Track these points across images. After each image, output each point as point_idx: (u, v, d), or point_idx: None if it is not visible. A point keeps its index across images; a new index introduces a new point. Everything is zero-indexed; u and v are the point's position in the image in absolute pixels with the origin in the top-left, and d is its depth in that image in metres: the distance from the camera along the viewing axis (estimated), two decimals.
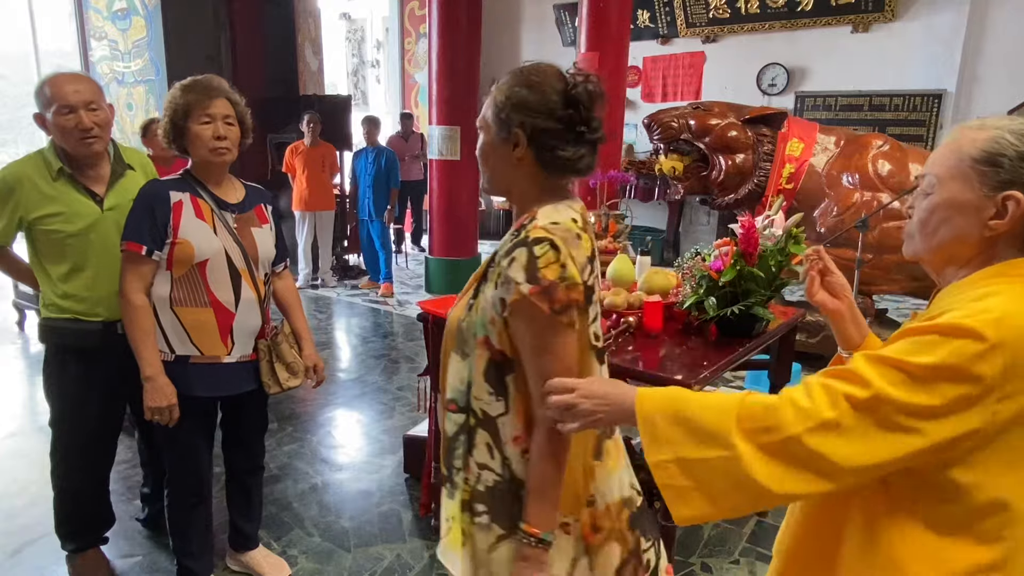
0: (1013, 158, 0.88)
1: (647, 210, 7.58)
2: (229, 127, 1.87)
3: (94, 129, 1.92)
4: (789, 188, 4.09)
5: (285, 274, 2.17)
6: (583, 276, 1.11)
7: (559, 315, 1.07)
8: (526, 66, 1.17)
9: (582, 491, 1.18)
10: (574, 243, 1.11)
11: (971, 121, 0.95)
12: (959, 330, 0.82)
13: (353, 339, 5.19)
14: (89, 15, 7.01)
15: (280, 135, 6.83)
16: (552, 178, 1.18)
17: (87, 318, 2.01)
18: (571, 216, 1.16)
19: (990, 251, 0.93)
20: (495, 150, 1.18)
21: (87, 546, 2.27)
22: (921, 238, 0.98)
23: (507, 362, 1.15)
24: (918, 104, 6.29)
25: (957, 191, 0.92)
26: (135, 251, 1.80)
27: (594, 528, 1.19)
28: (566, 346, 1.10)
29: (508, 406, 1.16)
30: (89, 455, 2.16)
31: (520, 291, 1.07)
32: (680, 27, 7.45)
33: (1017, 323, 0.83)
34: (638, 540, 1.25)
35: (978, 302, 0.87)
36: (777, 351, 2.56)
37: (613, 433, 1.22)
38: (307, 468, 3.08)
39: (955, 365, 0.82)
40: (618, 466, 1.23)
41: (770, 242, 2.10)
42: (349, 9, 10.36)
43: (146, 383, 1.82)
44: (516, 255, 1.09)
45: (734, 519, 2.70)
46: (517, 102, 1.13)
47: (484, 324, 1.15)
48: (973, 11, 5.94)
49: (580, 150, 1.15)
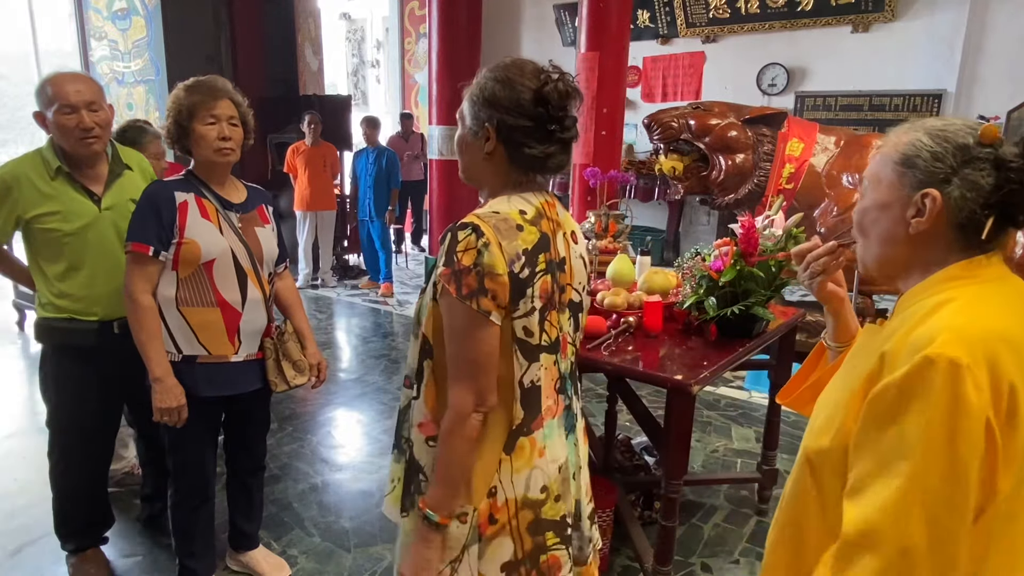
0: (927, 158, 0.91)
1: (647, 210, 7.58)
2: (233, 128, 1.87)
3: (95, 129, 1.92)
4: (789, 188, 4.09)
5: (285, 274, 2.18)
6: (511, 267, 1.11)
7: (466, 300, 1.08)
8: (505, 61, 1.18)
9: (488, 481, 1.19)
10: (508, 233, 1.12)
11: (903, 125, 0.99)
12: (927, 362, 0.80)
13: (353, 339, 5.19)
14: (89, 15, 7.01)
15: (280, 135, 6.83)
16: (520, 173, 1.19)
17: (83, 317, 2.01)
18: (520, 207, 1.17)
19: (924, 253, 0.94)
20: (468, 143, 1.21)
21: (87, 546, 2.27)
22: (862, 241, 1.01)
23: (428, 347, 1.19)
24: (918, 104, 6.28)
25: (883, 194, 0.96)
26: (142, 252, 1.79)
27: (490, 519, 1.19)
28: (476, 334, 1.10)
29: (419, 391, 1.21)
30: (86, 454, 2.15)
31: (438, 272, 1.12)
32: (680, 27, 7.45)
33: (980, 332, 0.82)
34: (539, 545, 1.22)
35: (932, 315, 0.86)
36: (777, 351, 2.56)
37: (531, 432, 1.20)
38: (307, 468, 3.08)
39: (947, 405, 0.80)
40: (528, 465, 1.20)
41: (770, 242, 2.10)
42: (349, 9, 10.37)
43: (155, 384, 1.82)
44: (445, 238, 1.12)
45: (733, 519, 2.70)
46: (488, 97, 1.15)
47: (424, 307, 1.20)
48: (973, 11, 5.94)
49: (549, 148, 1.17)
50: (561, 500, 1.25)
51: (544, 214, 1.19)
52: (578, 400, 1.35)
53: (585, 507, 1.35)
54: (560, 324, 1.22)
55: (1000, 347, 0.82)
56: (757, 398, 3.93)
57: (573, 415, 1.31)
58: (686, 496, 2.81)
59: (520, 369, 1.18)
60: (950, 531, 0.81)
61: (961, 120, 0.93)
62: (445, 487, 1.16)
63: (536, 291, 1.15)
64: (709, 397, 3.95)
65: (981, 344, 0.81)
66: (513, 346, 1.16)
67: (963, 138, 0.90)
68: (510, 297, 1.12)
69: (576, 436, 1.32)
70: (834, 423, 0.95)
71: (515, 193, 1.19)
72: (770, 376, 2.65)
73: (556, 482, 1.24)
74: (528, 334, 1.16)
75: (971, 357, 0.80)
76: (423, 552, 1.18)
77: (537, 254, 1.15)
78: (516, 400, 1.18)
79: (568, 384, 1.29)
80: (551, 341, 1.20)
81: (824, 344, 1.27)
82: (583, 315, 1.33)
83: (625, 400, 2.46)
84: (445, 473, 1.15)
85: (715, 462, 3.20)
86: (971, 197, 0.88)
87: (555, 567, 1.24)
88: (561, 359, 1.25)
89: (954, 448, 0.79)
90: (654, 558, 2.03)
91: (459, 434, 1.13)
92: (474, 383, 1.12)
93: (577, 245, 1.28)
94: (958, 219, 0.90)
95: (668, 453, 1.92)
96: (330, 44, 9.27)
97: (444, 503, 1.16)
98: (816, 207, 4.08)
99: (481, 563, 1.19)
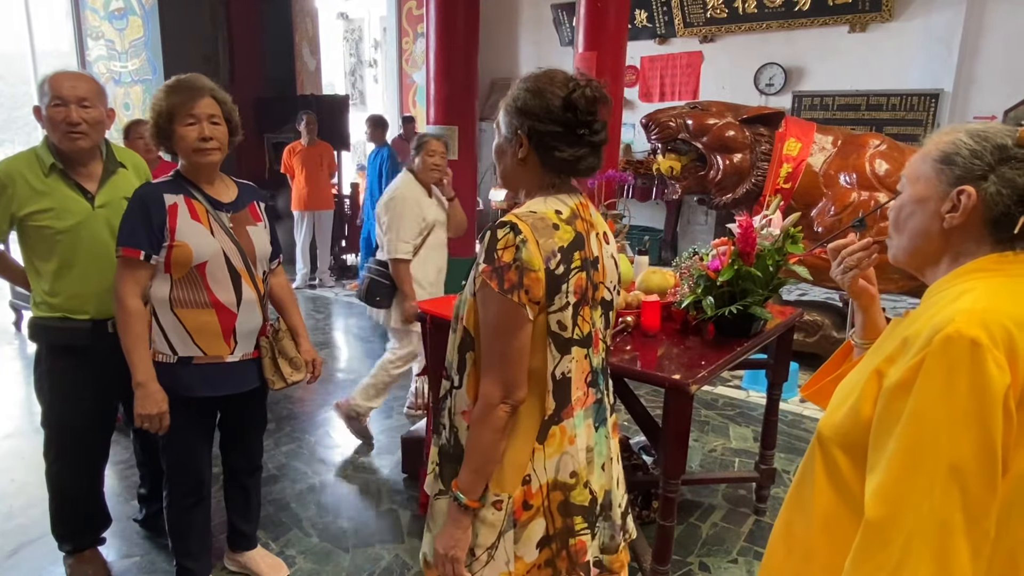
0: (966, 156, 0.95)
1: (645, 210, 7.59)
2: (215, 126, 1.84)
3: (81, 125, 1.91)
4: (787, 188, 4.09)
5: (279, 271, 2.17)
6: (547, 263, 1.16)
7: (507, 294, 1.14)
8: (538, 72, 1.26)
9: (523, 471, 1.24)
10: (545, 231, 1.18)
11: (945, 127, 1.02)
12: (949, 340, 0.83)
13: (351, 339, 5.18)
14: (86, 15, 7.00)
15: (278, 135, 6.82)
16: (554, 176, 1.25)
17: (76, 316, 2.00)
18: (555, 208, 1.23)
19: (956, 246, 0.97)
20: (504, 150, 1.28)
21: (84, 547, 2.27)
22: (895, 236, 1.05)
23: (470, 339, 1.24)
24: (915, 104, 6.29)
25: (921, 189, 1.00)
26: (133, 256, 1.78)
27: (524, 505, 1.24)
28: (513, 327, 1.16)
29: (462, 381, 1.27)
30: (81, 454, 2.15)
31: (479, 269, 1.18)
32: (678, 27, 7.45)
33: (998, 315, 0.85)
34: (568, 527, 1.27)
35: (955, 302, 0.89)
36: (775, 350, 2.56)
37: (561, 420, 1.25)
38: (305, 468, 3.08)
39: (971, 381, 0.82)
40: (559, 451, 1.25)
41: (768, 242, 2.10)
42: (347, 9, 10.36)
43: (137, 389, 1.81)
44: (485, 237, 1.18)
45: (731, 518, 2.70)
46: (521, 106, 1.22)
47: (464, 302, 1.26)
48: (970, 11, 5.95)
49: (579, 151, 1.23)
50: (589, 487, 1.30)
51: (579, 214, 1.25)
52: (609, 395, 1.40)
53: (617, 496, 1.39)
54: (593, 320, 1.27)
55: (1017, 331, 0.84)
56: (755, 397, 3.94)
57: (605, 409, 1.36)
58: (684, 495, 2.81)
59: (553, 362, 1.22)
60: (984, 505, 0.82)
61: (1001, 124, 0.97)
62: (472, 472, 1.22)
63: (571, 287, 1.20)
64: (707, 396, 3.95)
65: (999, 326, 0.84)
66: (547, 339, 1.21)
67: (1002, 139, 0.94)
68: (546, 292, 1.17)
69: (607, 429, 1.37)
70: (848, 400, 0.98)
71: (551, 195, 1.25)
72: (768, 375, 2.65)
73: (584, 469, 1.29)
74: (562, 328, 1.21)
75: (989, 337, 0.82)
76: (453, 532, 1.24)
77: (572, 252, 1.20)
78: (549, 392, 1.23)
79: (600, 379, 1.34)
80: (583, 335, 1.25)
81: (852, 342, 1.31)
82: (613, 313, 1.37)
83: (623, 400, 2.46)
84: (473, 459, 1.22)
85: (713, 461, 3.21)
86: (1006, 194, 0.92)
87: (581, 551, 1.30)
88: (593, 354, 1.29)
89: (981, 423, 0.82)
90: (652, 557, 2.03)
91: (487, 424, 1.19)
92: (503, 376, 1.18)
93: (608, 245, 1.34)
94: (992, 214, 0.93)
95: (666, 452, 1.93)
96: (328, 44, 9.27)
97: (472, 487, 1.22)
98: (814, 207, 4.09)
99: (517, 547, 1.25)
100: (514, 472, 1.23)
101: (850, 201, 3.96)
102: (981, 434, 0.81)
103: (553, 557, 1.27)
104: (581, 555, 1.29)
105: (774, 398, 2.68)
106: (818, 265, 3.90)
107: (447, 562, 1.24)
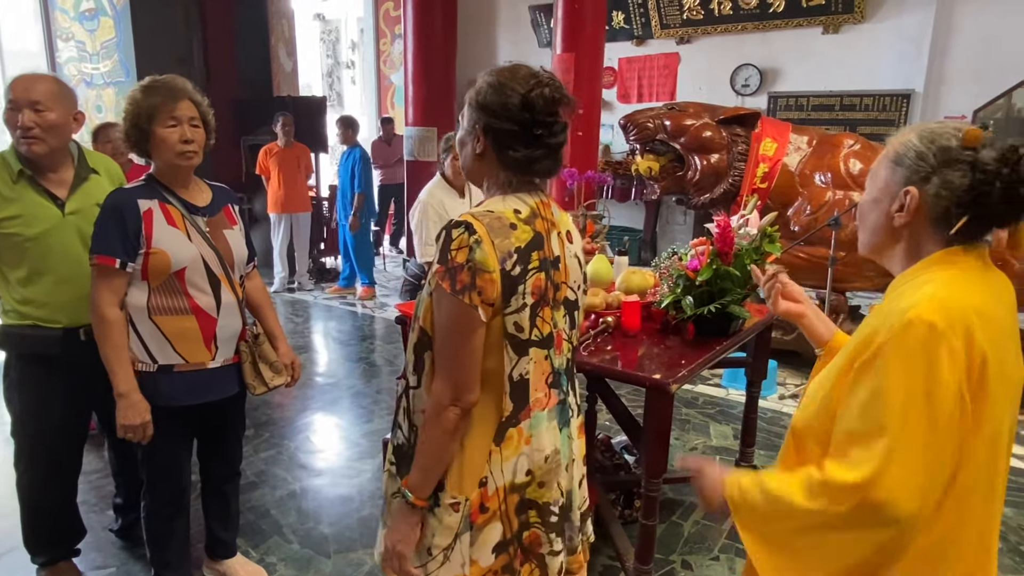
0: (912, 158, 0.99)
1: (624, 210, 7.62)
2: (195, 129, 1.82)
3: (33, 129, 1.85)
4: (763, 187, 4.13)
5: (254, 274, 2.14)
6: (503, 264, 1.14)
7: (459, 295, 1.12)
8: (502, 66, 1.22)
9: (479, 472, 1.23)
10: (502, 231, 1.15)
11: (905, 127, 1.06)
12: (910, 324, 0.88)
13: (331, 343, 5.14)
14: (55, 15, 6.86)
15: (254, 137, 6.75)
16: (513, 174, 1.23)
17: (47, 325, 1.96)
18: (514, 207, 1.21)
19: (909, 242, 1.02)
20: (465, 143, 1.27)
21: (57, 559, 2.22)
22: (860, 231, 1.10)
23: (428, 339, 1.22)
24: (887, 104, 6.40)
25: (876, 188, 1.04)
26: (108, 264, 1.74)
27: (481, 508, 1.23)
28: (465, 329, 1.14)
29: (420, 381, 1.25)
30: (53, 465, 2.11)
31: (433, 270, 1.16)
32: (655, 28, 7.50)
33: (956, 305, 0.90)
34: (523, 526, 1.27)
35: (917, 292, 0.94)
36: (754, 348, 2.59)
37: (518, 422, 1.24)
38: (285, 474, 3.04)
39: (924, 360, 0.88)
40: (516, 452, 1.24)
41: (745, 241, 2.12)
42: (323, 10, 10.28)
43: (119, 400, 1.78)
44: (440, 236, 1.17)
45: (712, 516, 2.72)
46: (481, 101, 1.20)
47: (421, 302, 1.24)
48: (939, 13, 6.07)
49: (535, 152, 1.21)
50: (545, 487, 1.28)
51: (539, 213, 1.23)
52: (575, 396, 1.38)
53: (577, 498, 1.38)
54: (555, 321, 1.26)
55: (975, 318, 0.89)
56: (735, 395, 3.97)
57: (568, 409, 1.34)
58: (666, 494, 2.82)
59: (510, 363, 1.21)
60: (935, 484, 0.89)
61: (952, 125, 0.99)
62: (421, 471, 1.22)
63: (528, 288, 1.18)
64: (687, 395, 3.98)
65: (958, 312, 0.88)
66: (504, 341, 1.19)
67: (947, 140, 0.96)
68: (501, 294, 1.15)
69: (571, 431, 1.35)
70: (820, 395, 1.02)
71: (511, 193, 1.23)
72: (747, 373, 2.68)
73: (541, 469, 1.27)
74: (519, 329, 1.19)
75: (947, 323, 0.87)
76: (401, 528, 1.25)
77: (530, 252, 1.18)
78: (506, 393, 1.22)
79: (564, 379, 1.32)
80: (542, 336, 1.23)
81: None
82: (579, 313, 1.36)
83: (605, 400, 2.47)
84: (421, 459, 1.22)
85: None
86: (945, 195, 0.95)
87: (536, 543, 1.29)
88: (555, 355, 1.27)
89: (932, 406, 0.87)
90: (635, 557, 2.04)
91: (436, 424, 1.18)
92: (452, 378, 1.16)
93: (572, 244, 1.31)
94: (934, 214, 0.97)
95: (647, 451, 1.93)
96: (304, 45, 9.19)
97: (419, 486, 1.22)
98: (790, 206, 4.14)
99: (473, 549, 1.24)
100: (470, 474, 1.22)
101: (825, 200, 4.02)
102: (932, 412, 0.87)
103: (511, 561, 1.27)
104: (536, 546, 1.29)
105: (753, 396, 2.71)
106: (795, 264, 3.95)
107: (394, 557, 1.25)
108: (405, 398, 1.30)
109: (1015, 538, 2.60)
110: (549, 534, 1.30)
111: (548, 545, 1.30)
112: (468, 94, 1.23)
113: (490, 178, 1.26)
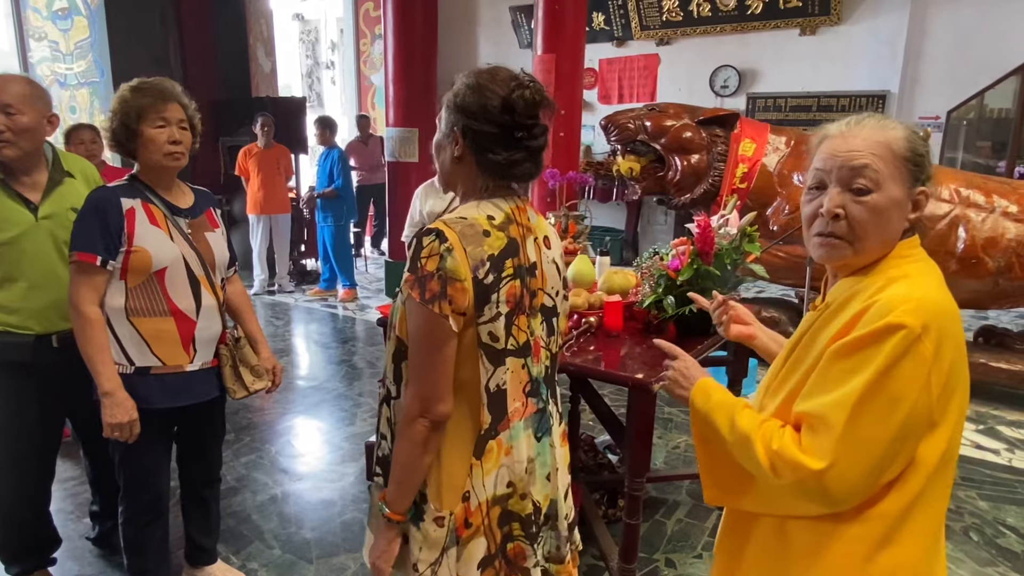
0: (924, 155, 1.00)
1: (606, 210, 7.65)
2: (183, 132, 1.82)
3: (5, 133, 1.81)
4: (743, 187, 4.17)
5: (235, 278, 2.12)
6: (475, 272, 1.11)
7: (428, 305, 1.09)
8: (482, 68, 1.20)
9: (460, 486, 1.21)
10: (474, 239, 1.12)
11: (876, 118, 1.04)
12: (890, 328, 0.91)
13: (312, 345, 5.10)
14: (27, 15, 6.73)
15: (233, 138, 6.68)
16: (490, 179, 1.21)
17: (19, 331, 1.92)
18: (488, 213, 1.17)
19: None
20: (442, 146, 1.23)
21: (32, 568, 2.17)
22: (876, 237, 0.99)
23: (404, 348, 1.19)
24: (863, 104, 6.50)
25: (897, 190, 0.98)
26: (88, 262, 1.71)
27: (465, 523, 1.21)
28: (435, 339, 1.12)
29: (399, 391, 1.22)
30: (26, 473, 2.06)
31: (404, 278, 1.14)
32: (634, 30, 7.55)
33: (931, 306, 0.93)
34: (507, 538, 1.26)
35: (892, 285, 0.96)
36: (734, 348, 2.61)
37: (498, 434, 1.21)
38: (266, 479, 3.01)
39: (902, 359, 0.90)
40: (497, 465, 1.22)
41: (725, 241, 2.14)
42: (302, 10, 10.20)
43: (104, 399, 1.75)
44: (411, 244, 1.14)
45: (696, 514, 2.74)
46: (460, 103, 1.17)
47: (396, 310, 1.21)
48: (913, 15, 6.18)
49: (515, 155, 1.18)
50: (527, 498, 1.26)
51: (514, 219, 1.20)
52: (555, 404, 1.35)
53: (563, 508, 1.36)
54: (531, 328, 1.23)
55: (947, 322, 0.93)
56: None
57: (549, 418, 1.31)
58: (649, 493, 2.84)
59: (486, 374, 1.18)
60: (881, 482, 0.95)
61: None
62: (396, 485, 1.19)
63: (502, 296, 1.15)
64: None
65: (935, 317, 0.91)
66: (479, 351, 1.16)
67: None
68: (474, 303, 1.12)
69: (552, 439, 1.32)
70: (787, 384, 1.05)
71: (486, 198, 1.20)
72: (728, 372, 2.70)
73: (522, 480, 1.25)
74: (493, 339, 1.16)
75: (923, 327, 0.90)
76: (379, 543, 1.24)
77: (504, 259, 1.15)
78: (483, 405, 1.19)
79: (543, 388, 1.29)
80: (518, 345, 1.20)
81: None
82: (559, 320, 1.33)
83: (588, 400, 2.48)
84: (395, 472, 1.20)
85: (677, 458, 3.25)
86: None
87: (520, 556, 1.28)
88: (533, 363, 1.25)
89: (896, 411, 0.91)
90: (619, 556, 2.04)
91: (407, 437, 1.15)
92: (421, 389, 1.14)
93: (550, 250, 1.28)
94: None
95: (630, 451, 1.94)
96: (283, 45, 9.12)
97: (395, 500, 1.20)
98: (769, 206, 4.18)
99: (459, 565, 1.22)
100: (452, 489, 1.20)
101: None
102: (896, 416, 0.91)
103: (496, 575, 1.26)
104: (520, 559, 1.27)
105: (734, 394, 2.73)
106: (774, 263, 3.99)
107: (374, 571, 1.25)
108: (387, 407, 1.27)
109: (991, 531, 2.64)
110: (532, 545, 1.29)
111: (533, 558, 1.29)
112: (446, 96, 1.20)
113: (466, 183, 1.23)
